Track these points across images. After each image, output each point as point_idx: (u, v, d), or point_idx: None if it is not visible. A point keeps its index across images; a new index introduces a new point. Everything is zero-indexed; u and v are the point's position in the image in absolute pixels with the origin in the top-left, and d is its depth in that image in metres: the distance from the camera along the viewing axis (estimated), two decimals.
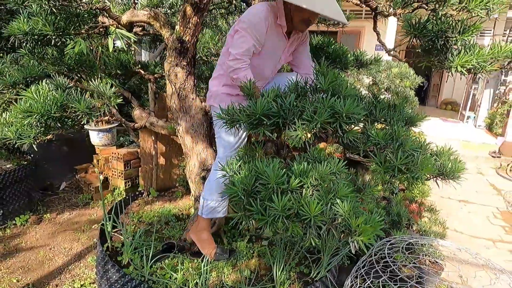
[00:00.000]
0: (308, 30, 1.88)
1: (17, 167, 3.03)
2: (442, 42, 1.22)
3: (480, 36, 10.90)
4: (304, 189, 1.22)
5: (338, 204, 1.15)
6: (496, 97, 7.98)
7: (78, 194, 3.59)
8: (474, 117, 8.21)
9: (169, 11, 2.34)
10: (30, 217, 3.01)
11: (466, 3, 1.12)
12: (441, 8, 1.13)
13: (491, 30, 8.82)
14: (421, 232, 2.65)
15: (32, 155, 3.38)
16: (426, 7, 1.28)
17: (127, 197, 2.57)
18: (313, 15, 1.64)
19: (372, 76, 3.59)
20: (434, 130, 7.32)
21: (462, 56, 1.19)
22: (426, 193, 3.07)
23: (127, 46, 3.58)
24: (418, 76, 3.75)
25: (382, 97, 3.70)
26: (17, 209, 2.99)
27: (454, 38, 1.19)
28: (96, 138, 3.57)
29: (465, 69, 1.20)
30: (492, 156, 6.08)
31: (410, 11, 1.33)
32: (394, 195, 3.27)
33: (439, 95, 11.43)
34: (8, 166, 3.07)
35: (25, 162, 3.17)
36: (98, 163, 3.76)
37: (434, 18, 1.22)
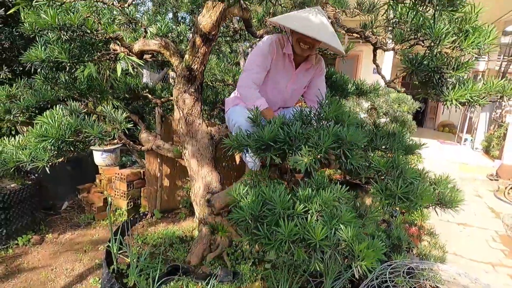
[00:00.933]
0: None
1: (21, 186, 3.06)
2: (438, 77, 1.30)
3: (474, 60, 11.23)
4: (309, 215, 1.27)
5: (341, 230, 1.20)
6: (492, 120, 8.12)
7: (80, 214, 3.61)
8: (471, 140, 8.31)
9: (177, 38, 2.44)
10: (32, 237, 3.02)
11: (459, 43, 1.21)
12: (436, 46, 1.22)
13: (486, 55, 9.09)
14: (421, 256, 2.67)
15: (36, 175, 3.42)
16: (423, 44, 1.37)
17: (130, 218, 2.60)
18: (303, 35, 1.73)
19: (371, 101, 3.69)
20: (432, 152, 7.41)
21: (457, 90, 1.27)
22: (425, 216, 3.10)
23: (133, 69, 3.70)
24: (415, 101, 3.86)
25: (382, 120, 3.79)
26: (20, 229, 3.00)
27: (449, 74, 1.28)
28: (99, 158, 3.63)
29: (459, 102, 1.28)
30: (490, 179, 6.14)
31: (408, 47, 1.42)
32: (394, 218, 3.30)
33: (437, 117, 11.61)
34: (12, 185, 3.11)
35: (29, 182, 3.20)
36: (100, 183, 3.80)
37: (430, 54, 1.31)
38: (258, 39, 2.33)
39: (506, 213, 4.77)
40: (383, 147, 1.69)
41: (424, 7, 0.98)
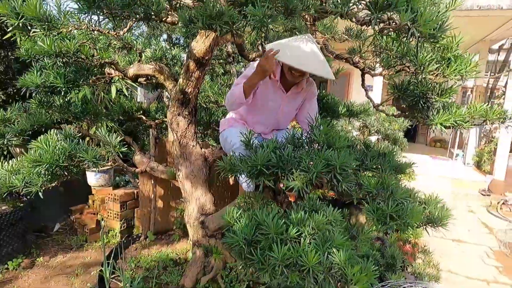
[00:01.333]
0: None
1: (12, 209, 3.03)
2: (423, 102, 1.35)
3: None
4: (302, 238, 1.28)
5: (334, 253, 1.22)
6: (482, 135, 8.26)
7: (72, 236, 3.55)
8: (463, 155, 8.42)
9: (171, 61, 2.49)
10: (23, 261, 2.96)
11: (442, 70, 1.26)
12: (420, 73, 1.28)
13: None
14: (416, 275, 2.67)
15: (28, 197, 3.38)
16: (409, 70, 1.43)
17: (124, 240, 2.57)
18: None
19: (363, 120, 3.76)
20: (424, 168, 7.48)
21: (442, 115, 1.32)
22: (419, 233, 3.12)
23: (127, 89, 3.73)
24: (406, 120, 3.95)
25: (373, 138, 3.84)
26: (11, 252, 2.95)
27: (434, 99, 1.33)
28: (93, 179, 3.61)
29: (444, 126, 1.33)
30: (482, 194, 6.20)
31: (394, 72, 1.48)
32: (387, 235, 3.31)
33: (428, 133, 11.76)
34: (3, 208, 3.07)
35: (21, 204, 3.17)
36: (93, 204, 3.76)
37: (415, 80, 1.36)
38: (251, 62, 2.39)
39: (499, 228, 4.80)
40: (373, 167, 1.72)
41: (407, 38, 1.03)
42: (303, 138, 1.59)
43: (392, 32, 1.05)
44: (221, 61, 2.78)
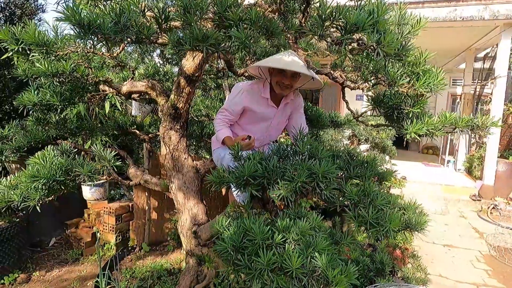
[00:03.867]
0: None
1: (8, 224, 3.06)
2: (397, 113, 1.46)
3: (453, 85, 11.78)
4: (287, 244, 1.36)
5: (317, 257, 1.30)
6: (473, 141, 8.42)
7: (68, 250, 3.59)
8: (454, 161, 8.57)
9: (163, 77, 2.59)
10: (19, 276, 2.99)
11: (412, 83, 1.37)
12: (392, 87, 1.38)
13: (462, 80, 9.58)
14: (405, 279, 2.74)
15: (23, 212, 3.42)
16: (383, 84, 1.53)
17: (119, 252, 2.63)
18: (283, 77, 1.89)
19: (352, 129, 3.88)
20: (416, 175, 7.60)
21: (415, 124, 1.42)
22: (408, 239, 3.20)
23: (121, 104, 3.81)
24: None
25: (362, 147, 3.95)
26: (6, 267, 2.98)
27: (407, 110, 1.44)
28: (88, 192, 3.66)
29: (418, 135, 1.43)
30: (473, 199, 6.31)
31: (371, 86, 1.59)
32: (378, 241, 3.39)
33: (420, 140, 11.94)
34: (0, 223, 3.11)
35: (17, 219, 3.20)
36: (89, 218, 3.81)
37: (389, 93, 1.47)
38: (240, 77, 2.50)
39: (489, 232, 4.90)
40: (357, 176, 1.81)
41: (376, 57, 1.13)
42: (288, 149, 1.69)
43: (362, 52, 1.16)
44: (212, 76, 2.89)
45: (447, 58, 9.68)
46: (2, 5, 2.99)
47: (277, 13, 1.79)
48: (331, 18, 1.13)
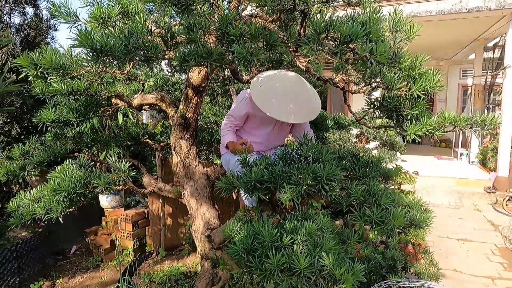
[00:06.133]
0: None
1: (32, 235, 3.21)
2: (396, 115, 1.51)
3: (463, 76, 11.63)
4: (295, 245, 1.43)
5: (324, 257, 1.36)
6: (486, 132, 8.30)
7: (88, 257, 3.72)
8: (467, 154, 8.46)
9: (172, 88, 2.69)
10: (44, 283, 3.13)
11: (410, 86, 1.42)
12: (390, 90, 1.44)
13: (472, 71, 9.45)
14: (418, 275, 2.77)
15: (45, 222, 3.57)
16: (382, 87, 1.58)
17: (137, 258, 2.73)
18: None
19: (359, 128, 3.91)
20: (428, 169, 7.55)
21: (414, 126, 1.47)
22: (420, 235, 3.21)
23: (132, 114, 3.94)
24: None
25: (371, 145, 3.98)
26: (32, 276, 3.12)
27: (406, 112, 1.49)
28: (105, 201, 3.79)
29: (417, 135, 1.48)
30: (488, 192, 6.24)
31: (371, 89, 1.64)
32: (390, 238, 3.41)
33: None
34: (23, 234, 3.26)
35: (40, 230, 3.35)
36: (107, 225, 3.94)
37: (388, 96, 1.52)
38: (245, 83, 2.58)
39: (505, 225, 4.85)
40: (362, 176, 1.87)
41: (371, 64, 1.19)
42: (294, 154, 1.75)
43: (357, 61, 1.22)
44: (219, 83, 2.97)
45: (455, 50, 9.57)
46: (18, 27, 3.15)
47: (278, 22, 1.86)
48: (326, 30, 1.19)
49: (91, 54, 1.30)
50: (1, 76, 2.33)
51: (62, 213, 1.85)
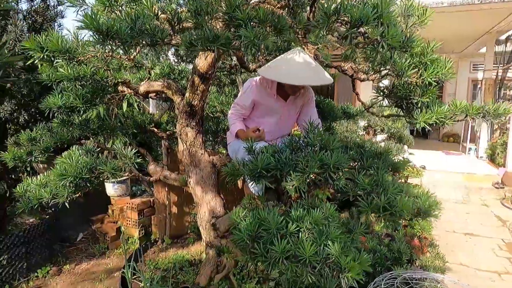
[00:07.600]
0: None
1: (40, 221, 3.25)
2: (406, 103, 1.48)
3: (473, 70, 11.42)
4: (300, 233, 1.42)
5: (330, 245, 1.35)
6: (496, 127, 8.17)
7: (95, 244, 3.76)
8: (475, 149, 8.35)
9: (178, 76, 2.67)
10: (51, 269, 3.18)
11: (420, 73, 1.39)
12: (401, 77, 1.40)
13: (482, 65, 9.27)
14: (423, 268, 2.75)
15: (52, 209, 3.61)
16: (393, 75, 1.55)
17: (142, 245, 2.75)
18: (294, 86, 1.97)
19: (367, 119, 3.86)
20: (436, 163, 7.46)
21: (424, 114, 1.44)
22: (426, 228, 3.19)
23: (138, 106, 3.93)
24: None
25: (378, 138, 3.93)
26: (39, 261, 3.17)
27: (416, 100, 1.45)
28: (111, 189, 3.82)
29: (428, 124, 1.45)
30: (496, 187, 6.16)
31: (380, 77, 1.61)
32: (396, 231, 3.39)
33: (440, 128, 11.66)
34: (31, 220, 3.30)
35: (47, 216, 3.39)
36: (113, 213, 3.97)
37: (398, 84, 1.49)
38: (252, 72, 2.55)
39: None
40: (370, 166, 1.84)
41: (382, 49, 1.16)
42: (300, 142, 1.73)
43: (367, 45, 1.19)
44: (225, 72, 2.95)
45: (466, 43, 9.38)
46: (25, 14, 3.15)
47: (286, 8, 1.82)
48: (336, 14, 1.16)
49: (97, 36, 1.29)
50: (2, 47, 2.33)
51: (68, 199, 1.86)
